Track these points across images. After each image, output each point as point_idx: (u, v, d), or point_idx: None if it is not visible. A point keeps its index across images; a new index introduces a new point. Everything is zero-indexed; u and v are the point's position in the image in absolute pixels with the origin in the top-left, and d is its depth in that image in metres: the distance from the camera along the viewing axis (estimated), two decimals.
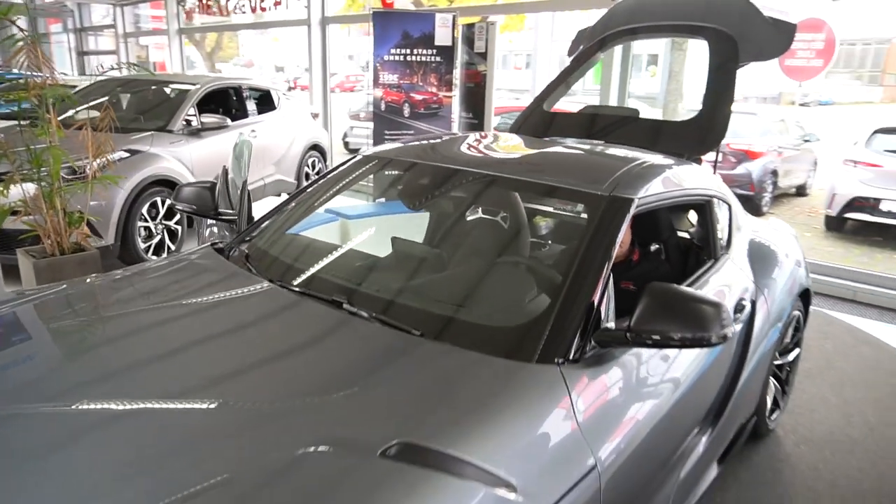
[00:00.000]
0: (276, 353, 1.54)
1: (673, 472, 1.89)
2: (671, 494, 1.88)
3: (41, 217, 3.30)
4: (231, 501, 1.05)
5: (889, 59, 47.99)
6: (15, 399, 1.40)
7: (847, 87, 41.76)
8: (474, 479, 1.16)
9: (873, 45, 48.20)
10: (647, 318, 1.49)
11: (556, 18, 35.41)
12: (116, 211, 4.58)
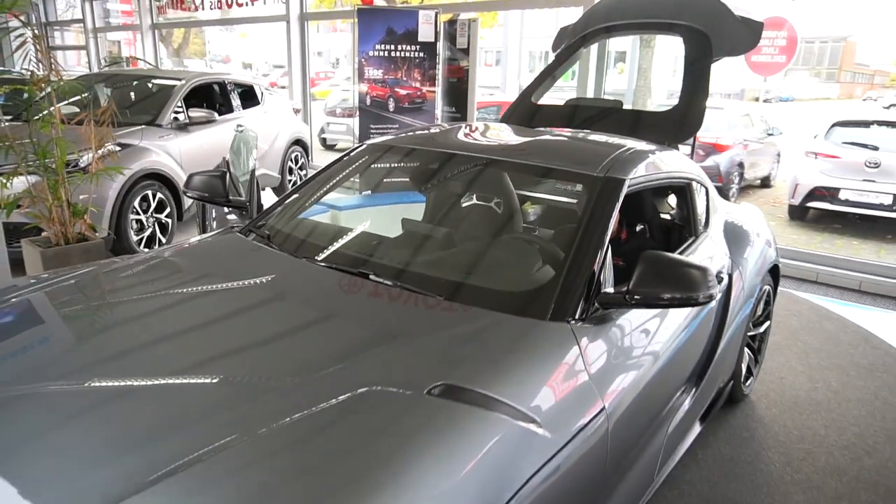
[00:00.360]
0: (318, 317, 1.71)
1: (663, 425, 2.11)
2: (662, 445, 2.10)
3: (46, 207, 3.37)
4: (309, 432, 1.22)
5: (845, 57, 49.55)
6: (67, 360, 1.54)
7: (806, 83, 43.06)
8: (506, 415, 1.35)
9: (830, 43, 49.71)
10: (643, 281, 1.70)
11: (525, 17, 35.66)
12: (110, 204, 4.65)
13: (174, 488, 1.10)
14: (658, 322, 2.00)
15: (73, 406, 1.35)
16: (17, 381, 1.45)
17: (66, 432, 1.27)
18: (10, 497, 1.12)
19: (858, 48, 49.48)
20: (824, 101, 37.35)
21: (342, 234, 2.25)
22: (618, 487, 1.79)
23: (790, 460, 2.64)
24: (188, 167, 5.50)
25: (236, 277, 1.95)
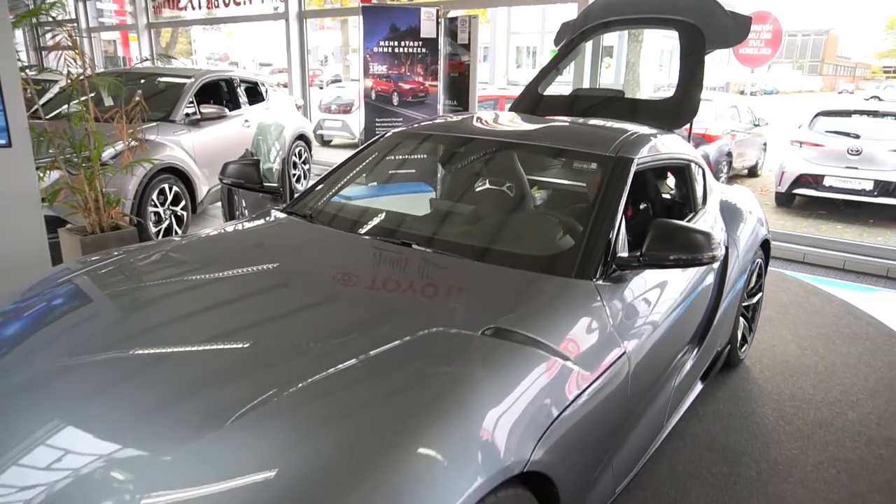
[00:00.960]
0: (373, 280, 1.94)
1: (671, 379, 2.36)
2: (670, 397, 2.35)
3: (82, 198, 3.57)
4: (385, 366, 1.45)
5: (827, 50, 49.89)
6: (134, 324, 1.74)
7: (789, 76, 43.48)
8: (547, 352, 1.58)
9: (812, 37, 49.98)
10: (655, 245, 1.94)
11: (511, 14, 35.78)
12: (130, 197, 4.84)
13: (252, 420, 1.27)
14: (665, 286, 2.24)
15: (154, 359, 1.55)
16: (93, 343, 1.62)
17: (150, 382, 1.44)
18: (94, 436, 1.29)
19: (840, 41, 50.20)
20: (808, 94, 37.93)
21: (377, 212, 2.48)
22: (633, 430, 2.03)
23: (782, 415, 2.90)
24: (201, 161, 5.70)
25: (292, 250, 2.18)
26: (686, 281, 2.38)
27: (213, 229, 2.49)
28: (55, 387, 1.45)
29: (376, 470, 1.17)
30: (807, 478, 2.45)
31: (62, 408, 1.37)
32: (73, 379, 1.48)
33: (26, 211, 3.30)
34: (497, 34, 35.80)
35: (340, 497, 1.11)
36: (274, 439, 1.24)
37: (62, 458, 1.26)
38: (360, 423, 1.28)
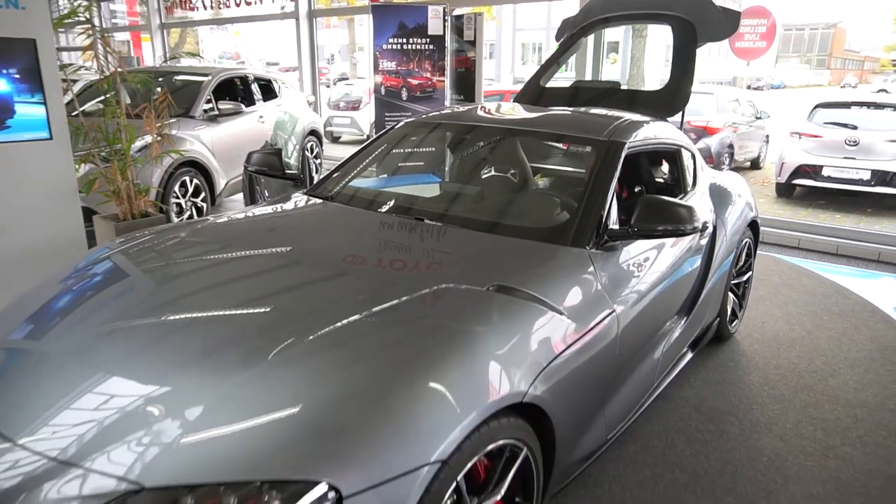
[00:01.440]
0: (392, 247, 2.19)
1: (661, 342, 2.59)
2: (659, 359, 2.58)
3: (115, 188, 3.83)
4: (404, 314, 1.69)
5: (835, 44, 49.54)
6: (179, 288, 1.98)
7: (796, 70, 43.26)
8: (544, 306, 1.82)
9: (820, 30, 49.62)
10: (643, 218, 2.17)
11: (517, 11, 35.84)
12: (154, 189, 5.10)
13: (279, 363, 1.49)
14: (654, 257, 2.47)
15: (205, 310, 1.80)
16: (133, 309, 1.85)
17: (184, 339, 1.66)
18: (138, 382, 1.51)
19: (848, 35, 49.91)
20: (815, 88, 37.83)
21: (391, 193, 2.73)
22: (624, 384, 2.27)
23: (767, 381, 3.12)
24: (219, 155, 5.97)
25: (315, 225, 2.43)
26: (674, 256, 2.60)
27: (239, 211, 2.74)
28: (102, 346, 1.68)
29: (392, 400, 1.40)
30: (785, 434, 2.68)
31: (110, 362, 1.59)
32: (119, 339, 1.70)
33: (65, 199, 3.56)
34: (503, 31, 35.96)
35: (362, 423, 1.34)
36: (298, 380, 1.45)
37: (110, 401, 1.47)
38: (378, 363, 1.51)
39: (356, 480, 1.27)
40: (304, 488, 1.24)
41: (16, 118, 3.26)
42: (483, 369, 1.56)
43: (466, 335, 1.61)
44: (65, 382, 1.54)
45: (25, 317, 1.92)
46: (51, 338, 1.78)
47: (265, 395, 1.42)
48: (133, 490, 1.25)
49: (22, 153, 3.32)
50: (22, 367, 1.67)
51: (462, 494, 1.53)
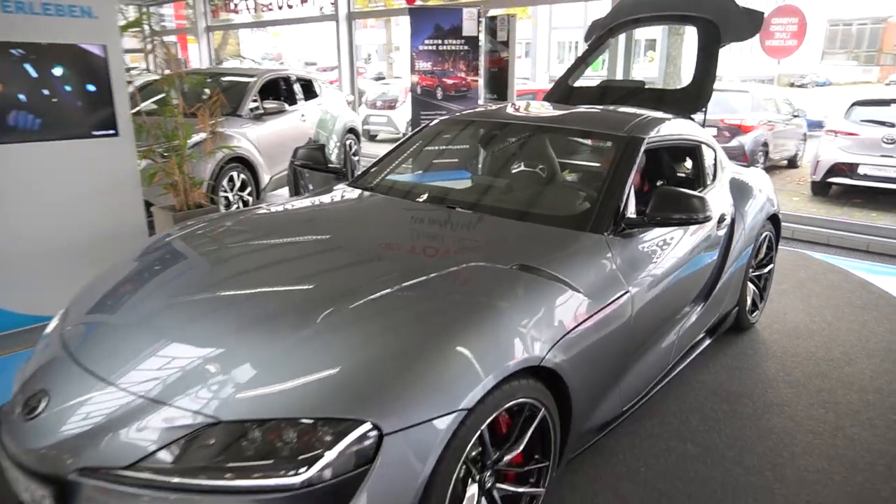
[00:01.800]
0: (426, 231, 2.42)
1: (677, 325, 2.76)
2: (675, 341, 2.75)
3: (173, 181, 4.17)
4: (433, 285, 1.92)
5: (886, 39, 47.86)
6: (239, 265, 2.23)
7: (843, 67, 41.93)
8: (564, 285, 2.02)
9: (869, 25, 47.98)
10: (657, 208, 2.36)
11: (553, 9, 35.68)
12: (206, 182, 5.45)
13: (337, 321, 1.73)
14: (671, 245, 2.64)
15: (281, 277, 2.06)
16: (192, 286, 2.09)
17: (236, 311, 1.88)
18: (196, 346, 1.73)
19: None
20: (863, 85, 36.66)
21: (427, 184, 2.96)
22: (640, 361, 2.45)
23: (783, 368, 3.26)
24: (264, 152, 6.30)
25: (357, 212, 2.68)
26: (691, 245, 2.77)
27: (286, 201, 3.01)
28: (175, 313, 1.94)
29: (424, 359, 1.62)
30: (797, 415, 2.82)
31: (182, 324, 1.86)
32: (188, 308, 1.96)
33: (129, 191, 3.89)
34: (539, 30, 35.90)
35: (399, 376, 1.57)
36: (344, 340, 1.68)
37: (186, 353, 1.72)
38: (412, 329, 1.73)
39: (394, 422, 1.50)
40: (351, 426, 1.48)
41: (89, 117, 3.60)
42: (505, 337, 1.78)
43: (491, 307, 1.83)
44: (148, 339, 1.81)
45: (108, 289, 2.21)
46: (130, 305, 2.06)
47: (317, 352, 1.66)
48: (210, 423, 1.51)
49: (92, 148, 3.66)
50: (110, 328, 1.96)
51: (485, 443, 1.76)
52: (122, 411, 1.58)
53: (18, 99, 3.29)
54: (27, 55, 3.27)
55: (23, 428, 1.66)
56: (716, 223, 2.99)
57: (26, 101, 3.32)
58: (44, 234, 3.54)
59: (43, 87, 3.37)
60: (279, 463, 1.45)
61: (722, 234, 3.08)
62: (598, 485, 2.32)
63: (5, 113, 3.26)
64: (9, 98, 3.26)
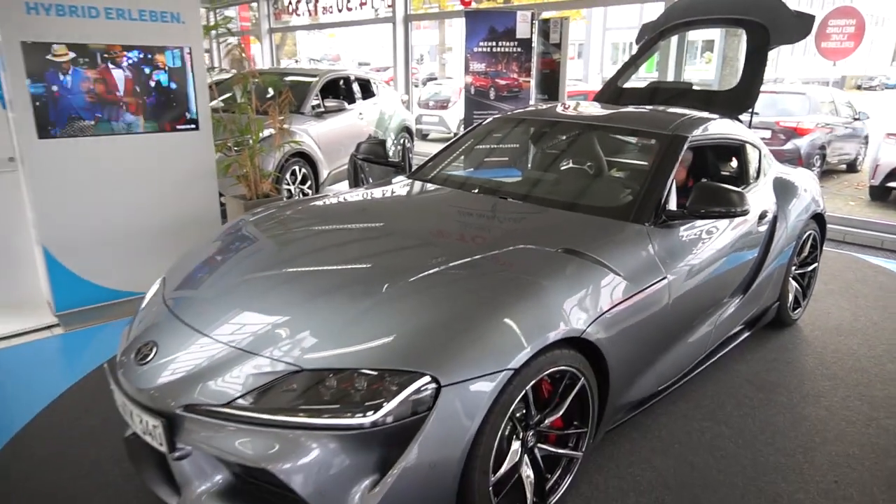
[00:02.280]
0: (480, 217, 2.65)
1: (714, 315, 2.90)
2: (712, 330, 2.89)
3: (245, 171, 4.53)
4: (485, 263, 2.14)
5: None
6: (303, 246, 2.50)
7: None
8: (604, 267, 2.21)
9: None
10: (697, 201, 2.51)
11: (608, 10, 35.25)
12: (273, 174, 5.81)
13: (399, 291, 1.97)
14: (710, 238, 2.78)
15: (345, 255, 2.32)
16: (263, 265, 2.37)
17: (303, 285, 2.14)
18: (266, 315, 1.98)
19: None
20: None
21: (480, 176, 3.18)
22: (676, 345, 2.61)
23: (823, 362, 3.34)
24: (323, 148, 6.65)
25: (415, 201, 2.93)
26: (730, 239, 2.89)
27: (348, 191, 3.28)
28: (251, 284, 2.21)
29: (477, 325, 1.85)
30: (832, 405, 2.92)
31: (258, 295, 2.13)
32: (263, 281, 2.22)
33: (206, 181, 4.26)
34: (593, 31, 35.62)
35: (454, 338, 1.79)
36: (406, 307, 1.92)
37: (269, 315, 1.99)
38: (464, 301, 1.95)
39: (450, 376, 1.73)
40: (413, 377, 1.71)
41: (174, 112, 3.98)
42: (549, 310, 1.98)
43: (537, 284, 2.03)
44: (237, 301, 2.10)
45: (199, 262, 2.52)
46: (220, 275, 2.36)
47: (383, 316, 1.91)
48: (294, 370, 1.77)
49: (176, 141, 4.03)
50: (205, 292, 2.25)
51: (529, 404, 1.97)
52: (218, 359, 1.87)
53: (120, 95, 3.68)
54: (127, 56, 3.65)
55: (136, 372, 1.96)
56: (757, 219, 3.11)
57: (126, 97, 3.71)
58: (135, 219, 3.93)
59: (138, 85, 3.75)
60: (350, 406, 1.69)
61: (763, 230, 3.19)
62: (633, 457, 2.50)
63: (110, 108, 3.66)
64: (112, 94, 3.65)
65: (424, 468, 1.70)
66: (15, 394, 3.00)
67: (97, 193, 3.75)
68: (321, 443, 1.68)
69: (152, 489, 1.94)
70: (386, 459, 1.70)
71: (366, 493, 1.68)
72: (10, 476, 2.34)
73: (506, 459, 1.96)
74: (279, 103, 4.78)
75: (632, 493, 2.29)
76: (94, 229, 3.78)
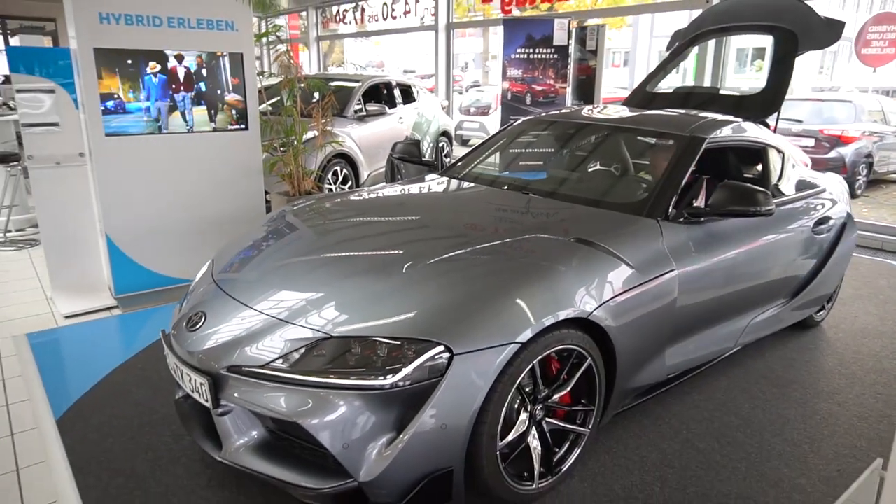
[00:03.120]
0: (504, 209, 2.84)
1: (747, 313, 2.98)
2: (743, 329, 2.98)
3: (290, 169, 4.83)
4: (501, 249, 2.32)
5: None
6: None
7: None
8: (614, 257, 2.37)
9: None
10: (722, 200, 2.62)
11: (655, 18, 34.92)
12: (315, 173, 6.12)
13: (418, 271, 2.17)
14: (732, 237, 2.83)
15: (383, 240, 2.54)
16: (302, 250, 2.62)
17: (338, 267, 2.37)
18: (303, 292, 2.21)
19: None
20: None
21: (507, 174, 3.37)
22: (690, 335, 2.73)
23: (842, 362, 3.38)
24: (364, 150, 6.93)
25: (445, 195, 3.14)
26: (755, 238, 2.95)
27: (383, 186, 3.50)
28: (289, 266, 2.45)
29: (490, 302, 2.03)
30: (846, 402, 2.97)
31: (295, 274, 2.37)
32: (299, 263, 2.46)
33: (253, 178, 4.57)
34: (639, 38, 35.28)
35: (468, 312, 1.98)
36: (424, 284, 2.12)
37: (304, 291, 2.22)
38: (480, 280, 2.14)
39: (462, 346, 1.92)
40: (428, 346, 1.91)
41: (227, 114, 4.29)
42: (558, 292, 2.15)
43: (548, 268, 2.20)
44: (276, 280, 2.35)
45: (244, 246, 2.78)
46: (262, 257, 2.61)
47: (403, 293, 2.11)
48: (323, 338, 1.99)
49: (227, 140, 4.35)
50: (248, 271, 2.50)
51: (536, 378, 2.14)
52: (258, 327, 2.11)
53: (179, 96, 4.01)
54: (186, 61, 3.98)
55: (187, 337, 2.22)
56: (813, 224, 3.21)
57: (184, 98, 4.04)
58: (188, 211, 4.26)
59: (195, 87, 4.08)
60: (372, 370, 1.90)
61: (823, 237, 3.29)
62: (641, 440, 2.63)
63: (169, 108, 3.99)
64: (173, 96, 3.98)
65: (436, 428, 1.89)
66: (78, 365, 3.32)
67: (155, 187, 4.08)
68: (347, 401, 1.88)
69: (198, 443, 2.19)
70: (403, 419, 1.90)
71: (383, 448, 1.88)
72: (72, 436, 2.63)
73: (513, 428, 2.13)
74: (322, 106, 5.07)
75: (636, 471, 2.42)
76: (151, 220, 4.12)
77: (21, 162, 5.41)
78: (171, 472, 2.38)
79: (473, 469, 2.02)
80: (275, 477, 2.00)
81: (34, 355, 3.38)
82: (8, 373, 3.23)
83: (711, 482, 2.36)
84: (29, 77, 4.10)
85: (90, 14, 3.63)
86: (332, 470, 1.95)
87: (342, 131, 6.65)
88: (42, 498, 2.30)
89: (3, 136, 6.27)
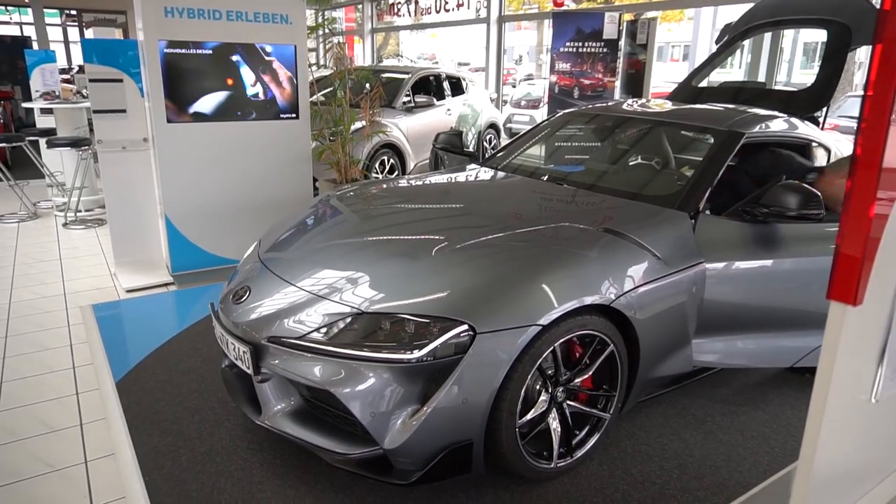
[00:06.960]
0: (541, 199, 2.93)
1: (806, 335, 2.84)
2: (805, 350, 2.87)
3: (337, 157, 5.01)
4: (532, 236, 2.40)
5: None
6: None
7: None
8: (640, 248, 2.41)
9: None
10: (775, 195, 2.58)
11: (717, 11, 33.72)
12: (361, 163, 6.31)
13: (447, 254, 2.28)
14: (777, 238, 2.74)
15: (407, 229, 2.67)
16: (344, 233, 2.77)
17: (378, 249, 2.52)
18: (343, 271, 2.35)
19: None
20: None
21: (546, 166, 3.44)
22: (720, 331, 2.72)
23: None
24: (411, 141, 7.07)
25: (485, 184, 3.24)
26: (802, 241, 2.85)
27: (425, 174, 3.62)
28: (329, 247, 2.60)
29: (515, 285, 2.12)
30: None
31: (334, 255, 2.52)
32: (340, 246, 2.61)
33: (303, 165, 4.76)
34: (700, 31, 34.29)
35: (493, 294, 2.08)
36: (452, 267, 2.23)
37: (342, 270, 2.37)
38: (507, 265, 2.23)
39: (486, 325, 2.02)
40: (453, 324, 2.02)
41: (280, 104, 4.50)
42: (582, 278, 2.22)
43: (573, 255, 2.28)
44: (317, 259, 2.51)
45: (288, 228, 2.95)
46: (305, 239, 2.77)
47: (432, 274, 2.23)
48: (356, 313, 2.13)
49: (279, 129, 4.55)
50: (291, 251, 2.67)
51: (558, 361, 2.22)
52: (297, 302, 2.26)
53: (235, 86, 4.24)
54: (243, 52, 4.20)
55: (233, 309, 2.39)
56: None
57: (240, 88, 4.26)
58: (240, 195, 4.49)
59: (250, 78, 4.29)
60: (401, 345, 2.02)
61: None
62: (664, 429, 2.67)
63: (226, 97, 4.23)
64: (234, 86, 4.21)
65: (458, 402, 2.00)
66: (136, 335, 3.58)
67: (211, 171, 4.33)
68: (376, 373, 2.02)
69: (241, 408, 2.37)
70: (427, 392, 2.02)
71: (408, 418, 2.01)
72: (129, 397, 2.86)
73: (534, 408, 2.22)
74: (370, 97, 5.23)
75: (656, 458, 2.47)
76: (206, 203, 4.36)
77: (91, 146, 5.78)
78: (216, 434, 2.58)
79: (493, 443, 2.12)
80: (308, 441, 2.16)
81: (98, 324, 3.66)
82: (75, 339, 3.52)
83: (731, 473, 2.39)
84: (100, 67, 4.40)
85: (156, 8, 3.87)
86: (360, 437, 2.09)
87: (390, 122, 6.81)
88: (101, 450, 2.53)
89: (77, 121, 6.70)
